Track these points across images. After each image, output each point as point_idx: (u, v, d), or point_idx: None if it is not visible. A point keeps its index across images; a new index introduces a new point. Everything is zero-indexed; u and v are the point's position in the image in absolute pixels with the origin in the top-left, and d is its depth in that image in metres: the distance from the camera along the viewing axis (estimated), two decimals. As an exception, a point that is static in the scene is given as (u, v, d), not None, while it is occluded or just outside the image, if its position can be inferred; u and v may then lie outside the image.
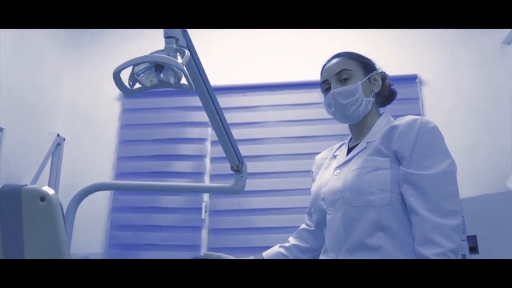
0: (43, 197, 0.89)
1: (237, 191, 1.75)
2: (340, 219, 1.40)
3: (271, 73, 3.56)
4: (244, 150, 1.96)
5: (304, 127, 3.41)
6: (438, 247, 1.21)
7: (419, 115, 3.27)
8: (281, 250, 1.68)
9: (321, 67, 1.60)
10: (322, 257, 1.49)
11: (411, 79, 3.41)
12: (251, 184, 2.50)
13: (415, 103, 3.35)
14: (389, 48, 3.50)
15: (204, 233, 3.30)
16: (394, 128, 1.42)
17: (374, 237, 1.33)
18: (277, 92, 3.54)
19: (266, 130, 3.46)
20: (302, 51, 3.57)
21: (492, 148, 3.18)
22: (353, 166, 1.44)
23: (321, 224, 1.50)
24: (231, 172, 1.76)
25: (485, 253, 2.51)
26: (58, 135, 3.10)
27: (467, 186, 3.02)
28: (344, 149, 1.59)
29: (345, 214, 1.39)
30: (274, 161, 3.37)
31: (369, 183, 1.37)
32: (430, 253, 1.22)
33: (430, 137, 1.37)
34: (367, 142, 1.48)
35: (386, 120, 1.52)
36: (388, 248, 1.31)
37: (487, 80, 3.35)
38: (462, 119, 3.30)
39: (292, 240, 1.69)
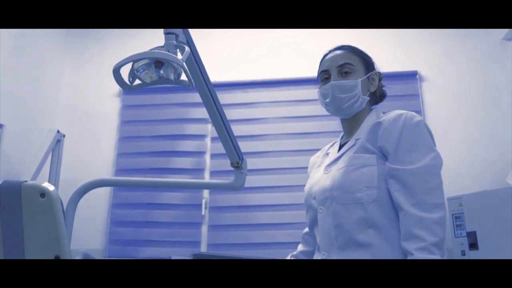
0: (43, 193, 0.89)
1: (237, 187, 1.75)
2: (330, 218, 1.40)
3: (271, 70, 3.56)
4: (244, 146, 1.96)
5: (304, 124, 3.41)
6: (421, 241, 1.22)
7: (419, 111, 3.28)
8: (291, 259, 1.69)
9: (322, 56, 1.60)
10: (316, 255, 1.50)
11: (411, 76, 3.41)
12: (251, 180, 2.50)
13: (415, 100, 3.35)
14: (389, 45, 3.49)
15: (204, 229, 3.30)
16: (378, 124, 1.42)
17: (364, 234, 1.34)
18: (277, 88, 3.53)
19: (266, 127, 3.46)
20: (302, 48, 3.56)
21: (492, 144, 3.18)
22: (341, 164, 1.45)
23: (314, 222, 1.51)
24: (231, 168, 1.76)
25: (484, 249, 2.52)
26: (58, 131, 3.09)
27: (467, 183, 3.03)
28: (336, 146, 1.59)
29: (334, 212, 1.40)
30: (274, 158, 3.38)
31: (355, 181, 1.37)
32: (412, 248, 1.23)
33: (415, 132, 1.37)
34: (356, 139, 1.48)
35: (376, 116, 1.52)
36: (377, 245, 1.32)
37: (488, 76, 3.35)
38: (462, 115, 3.30)
39: (299, 247, 1.71)
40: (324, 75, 1.55)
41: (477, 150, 3.19)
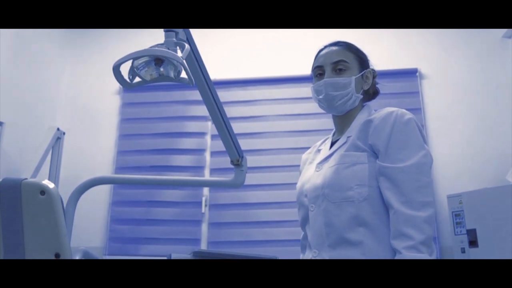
0: (43, 190, 0.89)
1: (237, 185, 1.75)
2: (321, 215, 1.41)
3: (271, 67, 3.56)
4: (244, 144, 1.96)
5: (304, 121, 3.41)
6: (409, 240, 1.23)
7: (419, 109, 3.28)
8: None
9: (317, 51, 1.59)
10: (307, 253, 1.50)
11: (411, 73, 3.40)
12: (251, 178, 2.50)
13: (415, 97, 3.35)
14: (389, 42, 3.49)
15: (204, 227, 3.30)
16: (369, 122, 1.42)
17: (354, 232, 1.34)
18: (277, 86, 3.53)
19: (266, 124, 3.46)
20: (302, 46, 3.56)
21: (492, 142, 3.18)
22: (332, 162, 1.44)
23: (305, 220, 1.51)
24: (231, 166, 1.76)
25: (484, 247, 2.52)
26: (58, 129, 3.09)
27: (467, 180, 3.03)
28: (328, 143, 1.59)
29: (325, 210, 1.40)
30: (274, 155, 3.38)
31: (346, 179, 1.37)
32: (401, 246, 1.24)
33: (405, 130, 1.37)
34: (347, 137, 1.48)
35: (367, 113, 1.51)
36: (368, 243, 1.33)
37: (488, 74, 3.35)
38: (462, 113, 3.30)
39: (301, 256, 1.70)
40: (318, 71, 1.54)
41: (477, 148, 3.19)
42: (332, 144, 1.56)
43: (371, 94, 1.60)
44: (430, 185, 1.33)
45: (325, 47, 1.57)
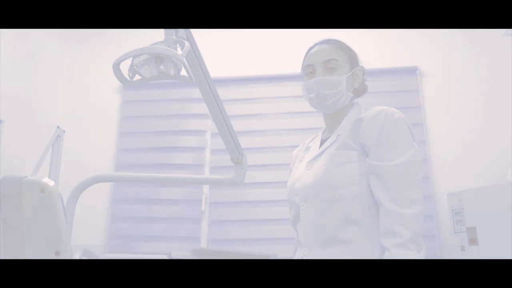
0: (43, 188, 0.89)
1: (237, 183, 1.75)
2: (312, 214, 1.41)
3: (272, 65, 3.56)
4: (244, 142, 1.96)
5: (304, 119, 3.40)
6: (397, 237, 1.24)
7: (419, 107, 3.28)
8: None
9: (308, 49, 1.58)
10: (298, 251, 1.50)
11: (411, 71, 3.40)
12: (251, 176, 2.50)
13: (415, 95, 3.35)
14: (389, 40, 3.48)
15: (204, 224, 3.31)
16: (359, 120, 1.43)
17: (345, 230, 1.35)
18: (278, 84, 3.53)
19: (266, 122, 3.46)
20: (302, 43, 3.54)
21: (492, 140, 3.18)
22: (322, 160, 1.45)
23: (297, 218, 1.51)
24: (231, 164, 1.76)
25: (484, 245, 2.52)
26: (58, 127, 3.09)
27: (467, 178, 3.03)
28: (318, 141, 1.59)
29: (316, 209, 1.40)
30: (274, 153, 3.38)
31: (337, 177, 1.38)
32: (389, 244, 1.25)
33: (395, 128, 1.38)
34: (338, 135, 1.48)
35: (357, 111, 1.51)
36: (358, 241, 1.33)
37: (488, 71, 3.35)
38: (462, 110, 3.30)
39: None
40: (309, 69, 1.54)
41: (477, 146, 3.19)
42: (322, 142, 1.56)
43: (360, 91, 1.60)
44: (419, 183, 1.34)
45: (316, 45, 1.57)
